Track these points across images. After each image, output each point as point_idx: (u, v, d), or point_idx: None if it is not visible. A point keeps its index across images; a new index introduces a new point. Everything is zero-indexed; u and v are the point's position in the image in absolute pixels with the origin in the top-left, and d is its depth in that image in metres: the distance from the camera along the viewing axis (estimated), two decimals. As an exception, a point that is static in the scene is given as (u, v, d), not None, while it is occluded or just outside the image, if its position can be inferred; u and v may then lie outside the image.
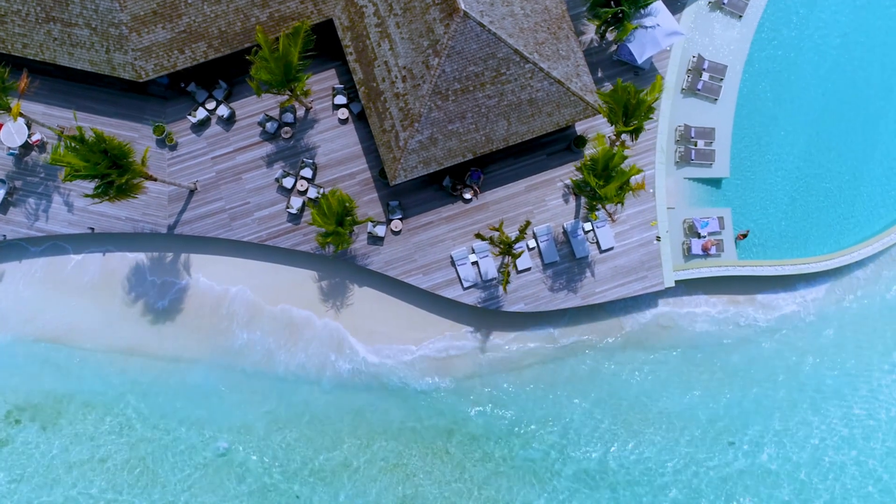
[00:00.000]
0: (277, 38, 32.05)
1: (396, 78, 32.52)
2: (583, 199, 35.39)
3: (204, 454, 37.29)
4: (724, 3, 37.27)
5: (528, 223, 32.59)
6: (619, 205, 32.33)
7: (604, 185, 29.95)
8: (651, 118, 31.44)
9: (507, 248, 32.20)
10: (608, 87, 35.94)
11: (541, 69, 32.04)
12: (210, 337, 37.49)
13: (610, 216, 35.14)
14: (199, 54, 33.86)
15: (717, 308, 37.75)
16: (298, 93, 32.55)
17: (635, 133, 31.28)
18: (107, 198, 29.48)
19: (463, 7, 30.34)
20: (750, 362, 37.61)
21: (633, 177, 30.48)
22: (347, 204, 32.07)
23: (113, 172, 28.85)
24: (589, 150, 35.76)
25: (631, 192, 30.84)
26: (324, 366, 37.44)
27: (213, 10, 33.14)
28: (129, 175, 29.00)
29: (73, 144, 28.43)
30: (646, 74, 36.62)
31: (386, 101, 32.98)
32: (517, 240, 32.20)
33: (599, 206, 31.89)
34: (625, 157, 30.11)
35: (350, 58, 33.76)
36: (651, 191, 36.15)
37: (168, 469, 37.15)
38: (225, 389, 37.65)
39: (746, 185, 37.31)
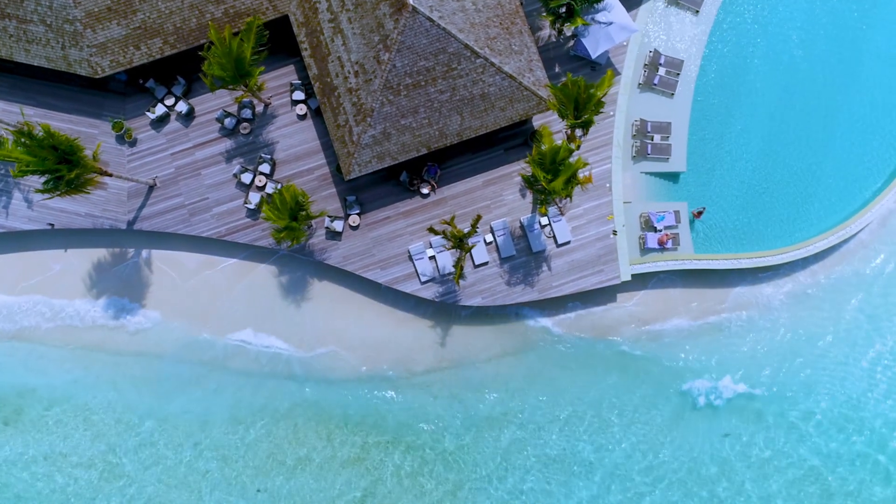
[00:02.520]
0: (234, 34, 32.28)
1: (349, 73, 32.71)
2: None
3: (167, 448, 37.47)
4: (680, -2, 37.51)
5: (479, 217, 32.80)
6: (567, 198, 32.51)
7: (552, 179, 30.13)
8: (602, 112, 31.63)
9: (458, 242, 32.38)
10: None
11: (492, 64, 32.23)
12: (173, 333, 37.65)
13: (560, 210, 35.34)
14: (154, 50, 34.04)
15: (680, 303, 37.93)
16: (252, 88, 32.69)
17: (585, 127, 31.43)
18: (57, 193, 29.63)
19: (411, 2, 30.53)
20: (712, 357, 37.83)
21: (580, 170, 30.63)
22: (300, 199, 32.25)
23: (63, 168, 29.01)
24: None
25: (579, 185, 30.99)
26: (284, 361, 37.62)
27: (168, 7, 33.30)
28: (78, 170, 29.15)
29: (21, 140, 28.59)
30: (603, 69, 36.77)
31: (339, 96, 33.17)
32: (469, 234, 32.39)
33: (550, 200, 32.04)
34: (571, 151, 30.28)
35: (305, 53, 33.95)
36: (608, 185, 36.35)
37: (131, 463, 37.30)
38: (188, 385, 37.79)
39: (703, 180, 37.53)
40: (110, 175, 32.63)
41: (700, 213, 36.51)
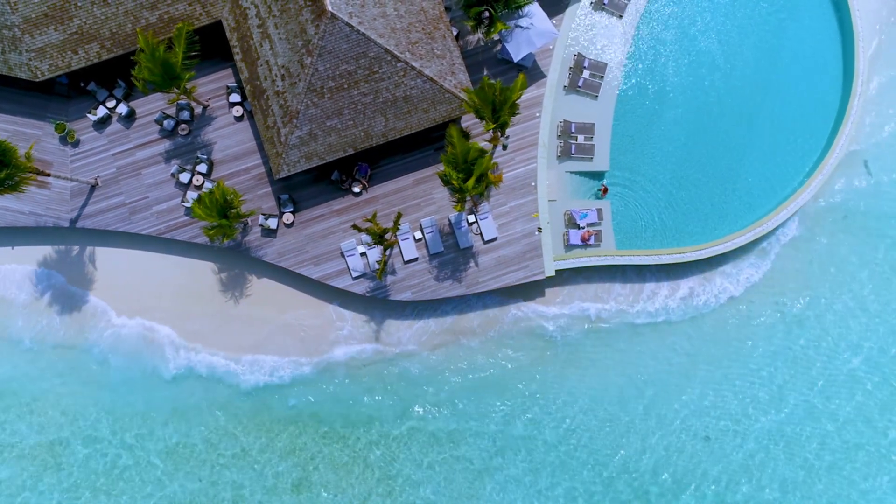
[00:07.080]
0: (167, 39, 33.61)
1: (277, 76, 34.02)
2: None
3: (111, 440, 38.67)
4: (605, 3, 38.82)
5: (399, 214, 34.12)
6: (481, 196, 33.84)
7: (465, 178, 31.44)
8: (518, 114, 32.97)
9: (379, 239, 33.69)
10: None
11: (412, 67, 33.54)
12: (115, 328, 38.88)
13: (475, 206, 36.70)
14: (92, 55, 35.32)
15: (602, 297, 39.28)
16: (183, 91, 33.95)
17: (502, 128, 32.78)
18: (-10, 193, 30.92)
19: (330, 9, 31.85)
20: (637, 351, 39.24)
21: (490, 169, 31.93)
22: (230, 197, 33.51)
23: (-7, 168, 30.32)
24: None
25: (491, 184, 32.30)
26: (223, 356, 38.86)
27: (104, 13, 34.60)
28: (9, 170, 30.42)
29: (-49, 141, 29.88)
30: (529, 72, 38.10)
31: (268, 98, 34.49)
32: (391, 230, 33.69)
33: (465, 198, 33.34)
34: (483, 151, 31.60)
35: (237, 57, 35.26)
36: (533, 184, 37.69)
37: (74, 455, 38.45)
38: (136, 378, 38.97)
39: (626, 178, 38.81)
40: (48, 174, 33.93)
41: (606, 191, 37.91)
